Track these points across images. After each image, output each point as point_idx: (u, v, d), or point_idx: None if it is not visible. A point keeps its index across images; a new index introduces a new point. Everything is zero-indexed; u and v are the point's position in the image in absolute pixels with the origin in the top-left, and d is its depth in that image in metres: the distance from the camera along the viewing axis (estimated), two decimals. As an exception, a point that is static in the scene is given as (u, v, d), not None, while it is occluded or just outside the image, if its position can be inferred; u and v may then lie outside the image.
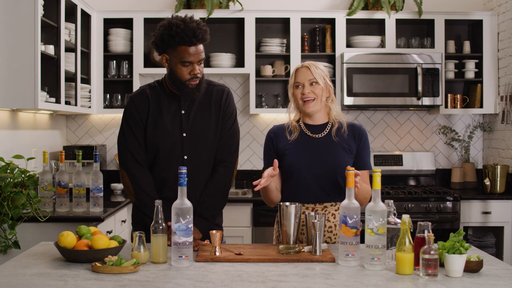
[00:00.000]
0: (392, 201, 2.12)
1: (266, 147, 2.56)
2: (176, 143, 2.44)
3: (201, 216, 2.42)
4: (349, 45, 4.59)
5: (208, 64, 4.61)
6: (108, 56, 4.51)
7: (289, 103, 2.55)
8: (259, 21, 4.54)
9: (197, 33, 2.32)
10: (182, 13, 4.36)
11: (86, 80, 4.29)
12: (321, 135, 2.49)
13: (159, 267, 2.02)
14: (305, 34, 4.61)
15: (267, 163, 2.54)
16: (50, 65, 3.62)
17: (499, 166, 4.31)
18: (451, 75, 4.62)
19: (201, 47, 2.37)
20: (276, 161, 2.31)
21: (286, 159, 2.48)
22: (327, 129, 2.50)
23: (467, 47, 4.65)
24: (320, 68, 2.46)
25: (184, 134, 2.45)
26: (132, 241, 2.22)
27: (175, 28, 2.31)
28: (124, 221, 3.88)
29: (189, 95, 2.42)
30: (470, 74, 4.60)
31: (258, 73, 4.59)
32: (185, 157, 2.45)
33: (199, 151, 2.46)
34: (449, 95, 4.60)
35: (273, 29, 4.74)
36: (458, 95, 4.62)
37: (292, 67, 4.47)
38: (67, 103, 3.88)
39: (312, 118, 2.51)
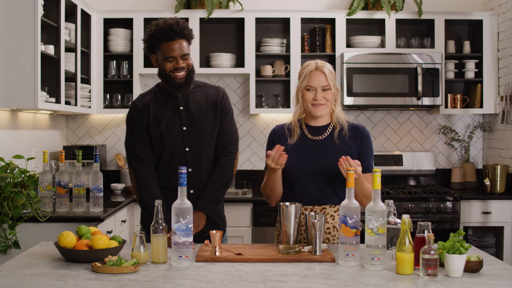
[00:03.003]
0: (392, 201, 2.12)
1: (268, 147, 2.57)
2: (177, 137, 2.59)
3: (205, 199, 2.58)
4: (349, 45, 4.59)
5: (208, 64, 4.61)
6: (108, 56, 4.51)
7: (298, 104, 2.51)
8: (259, 21, 4.53)
9: (174, 27, 2.48)
10: (182, 13, 4.44)
11: (86, 80, 4.29)
12: (322, 137, 2.49)
13: (159, 267, 2.02)
14: (305, 34, 4.61)
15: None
16: (50, 65, 3.61)
17: (499, 166, 4.31)
18: (451, 75, 4.62)
19: (183, 42, 2.52)
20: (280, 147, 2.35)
21: (286, 162, 2.48)
22: (328, 131, 2.50)
23: (467, 47, 4.65)
24: (332, 71, 2.45)
25: (184, 128, 2.60)
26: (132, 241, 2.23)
27: (155, 27, 2.52)
28: (124, 221, 3.88)
29: (178, 88, 2.57)
30: (470, 74, 4.60)
31: (258, 73, 4.59)
32: (187, 149, 2.60)
33: (199, 143, 2.61)
34: (449, 95, 4.60)
35: (273, 29, 4.74)
36: (458, 95, 4.62)
37: (292, 67, 4.47)
38: (67, 103, 3.88)
39: (315, 119, 2.51)
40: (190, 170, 2.59)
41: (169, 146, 2.59)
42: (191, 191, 2.60)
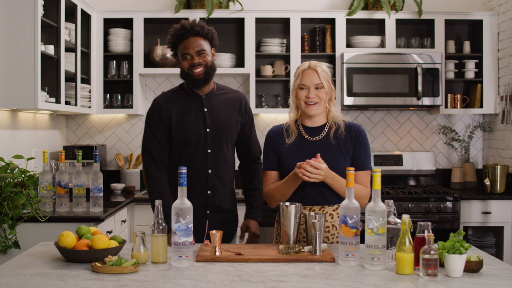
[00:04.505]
0: (392, 201, 2.12)
1: (266, 147, 2.57)
2: (200, 138, 2.63)
3: (256, 207, 2.76)
4: (349, 45, 4.59)
5: (208, 64, 4.60)
6: (108, 56, 4.51)
7: (291, 104, 2.54)
8: (259, 21, 4.53)
9: (186, 26, 2.56)
10: (182, 13, 4.43)
11: (86, 80, 4.28)
12: (319, 137, 2.49)
13: (159, 267, 2.02)
14: (305, 34, 4.61)
15: (267, 163, 2.55)
16: (50, 65, 3.61)
17: (499, 166, 4.31)
18: (451, 75, 4.62)
19: (198, 40, 2.58)
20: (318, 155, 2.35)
21: (283, 162, 2.49)
22: (325, 131, 2.50)
23: (467, 47, 4.65)
24: (325, 71, 2.46)
25: (208, 130, 2.64)
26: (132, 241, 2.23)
27: (172, 30, 2.61)
28: (124, 221, 3.88)
29: (197, 84, 2.61)
30: (470, 74, 4.60)
31: (258, 73, 4.59)
32: (209, 150, 2.64)
33: (220, 146, 2.67)
34: (449, 95, 4.60)
35: (273, 29, 4.74)
36: (458, 95, 4.62)
37: (292, 67, 4.47)
38: (67, 103, 3.88)
39: (311, 119, 2.51)
40: (210, 171, 2.64)
41: (192, 146, 2.63)
42: (208, 192, 2.65)
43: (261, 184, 2.74)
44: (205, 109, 2.65)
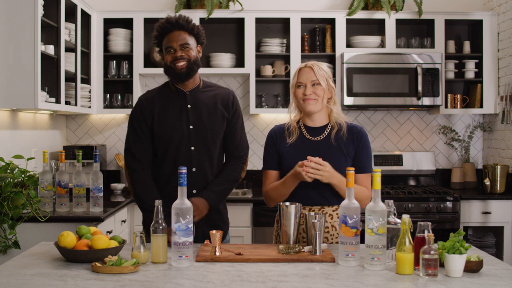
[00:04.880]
0: (392, 201, 2.12)
1: (267, 146, 2.56)
2: (183, 135, 2.58)
3: (209, 189, 2.57)
4: (349, 45, 4.59)
5: (208, 64, 4.60)
6: (108, 56, 4.51)
7: (290, 103, 2.55)
8: (259, 21, 4.53)
9: (170, 19, 2.55)
10: (182, 13, 4.41)
11: (86, 80, 4.29)
12: (320, 138, 2.49)
13: (159, 267, 2.02)
14: (305, 34, 4.61)
15: (267, 162, 2.55)
16: (50, 65, 3.62)
17: (499, 166, 4.31)
18: (451, 75, 4.62)
19: (182, 33, 2.55)
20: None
21: (284, 162, 2.48)
22: (326, 131, 2.50)
23: (467, 47, 4.65)
24: (323, 69, 2.46)
25: (191, 127, 2.59)
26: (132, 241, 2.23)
27: (157, 24, 2.59)
28: (124, 221, 3.88)
29: (179, 78, 2.57)
30: (470, 74, 4.60)
31: (258, 73, 4.59)
32: (192, 148, 2.58)
33: (205, 143, 2.60)
34: (449, 95, 4.61)
35: (273, 29, 4.74)
36: (458, 95, 4.62)
37: (292, 67, 4.48)
38: (67, 103, 3.88)
39: (312, 119, 2.51)
40: (194, 169, 2.58)
41: (175, 143, 2.57)
42: (194, 191, 2.57)
43: (232, 177, 2.64)
44: (189, 106, 2.59)
